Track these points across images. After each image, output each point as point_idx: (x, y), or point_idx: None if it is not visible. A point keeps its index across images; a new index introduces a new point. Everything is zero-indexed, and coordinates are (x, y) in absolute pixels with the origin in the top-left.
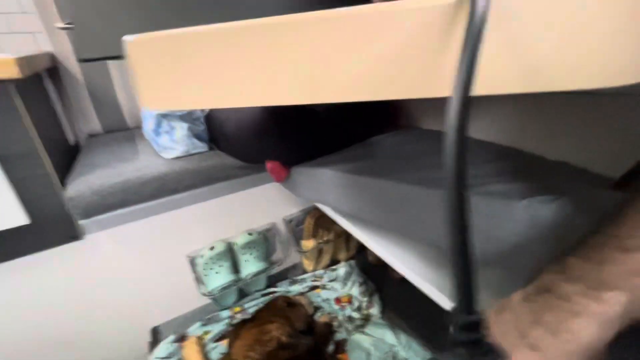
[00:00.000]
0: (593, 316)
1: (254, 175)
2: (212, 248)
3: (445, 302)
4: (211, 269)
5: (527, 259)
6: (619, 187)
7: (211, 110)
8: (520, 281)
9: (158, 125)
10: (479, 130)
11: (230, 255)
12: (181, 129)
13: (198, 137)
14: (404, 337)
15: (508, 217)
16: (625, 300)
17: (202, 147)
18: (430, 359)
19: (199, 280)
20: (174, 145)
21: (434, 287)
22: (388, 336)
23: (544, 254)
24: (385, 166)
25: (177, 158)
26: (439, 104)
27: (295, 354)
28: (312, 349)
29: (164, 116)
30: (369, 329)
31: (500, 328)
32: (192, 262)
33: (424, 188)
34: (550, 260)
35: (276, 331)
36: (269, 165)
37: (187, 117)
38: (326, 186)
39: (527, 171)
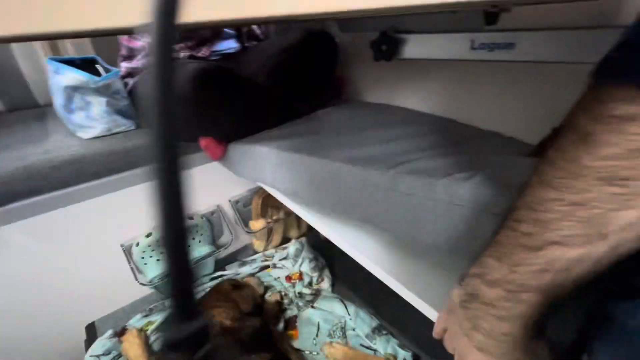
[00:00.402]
0: (516, 318)
1: (192, 155)
2: (148, 235)
3: (390, 280)
4: (150, 256)
5: (451, 240)
6: (535, 154)
7: (135, 83)
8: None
9: (69, 100)
10: (418, 102)
11: None
12: (99, 105)
13: (121, 113)
14: (352, 308)
15: (429, 197)
16: (537, 300)
17: (126, 124)
18: (376, 326)
19: (137, 270)
20: (91, 123)
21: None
22: (337, 308)
23: (465, 233)
24: (322, 143)
25: (97, 138)
26: (383, 76)
27: (240, 337)
28: (259, 330)
29: (75, 89)
30: (319, 303)
31: (452, 329)
32: (128, 251)
33: (351, 166)
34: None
35: (219, 316)
36: (202, 142)
37: (104, 90)
38: (263, 164)
39: (457, 144)
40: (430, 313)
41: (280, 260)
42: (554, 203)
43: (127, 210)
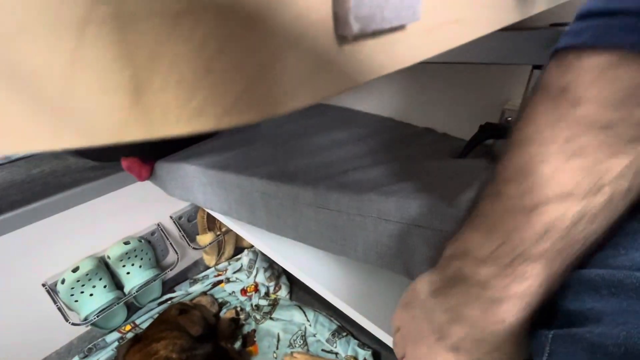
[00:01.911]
0: (515, 297)
1: (120, 174)
2: (75, 269)
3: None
4: (82, 292)
5: (382, 256)
6: (465, 153)
7: None
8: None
9: None
10: (355, 100)
11: (105, 270)
12: None
13: None
14: (312, 314)
15: (357, 213)
16: (542, 269)
17: None
18: (335, 329)
19: (67, 308)
20: None
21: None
22: (296, 316)
23: (395, 249)
24: (251, 157)
25: None
26: None
27: None
28: (212, 355)
29: None
30: (277, 314)
31: (411, 327)
32: (52, 290)
33: (279, 183)
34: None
35: (164, 350)
36: (124, 163)
37: None
38: (192, 184)
39: (391, 147)
40: (373, 328)
41: (234, 273)
42: (544, 156)
43: (48, 244)
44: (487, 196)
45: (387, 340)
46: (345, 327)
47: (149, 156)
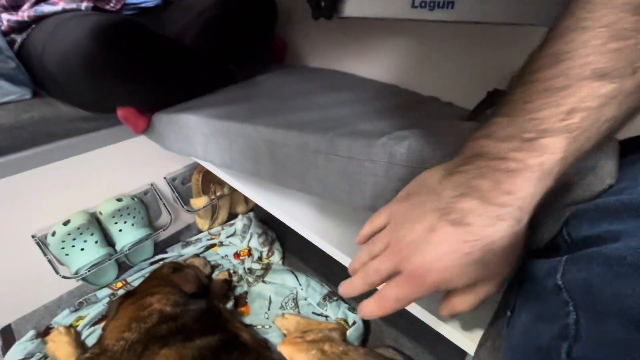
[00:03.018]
0: (532, 170)
1: (115, 128)
2: (66, 222)
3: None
4: (72, 246)
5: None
6: (472, 117)
7: (25, 41)
8: None
9: None
10: (361, 66)
11: (97, 226)
12: None
13: (9, 78)
14: (303, 278)
15: (368, 158)
16: (564, 145)
17: (18, 92)
18: (327, 293)
19: (57, 262)
20: None
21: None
22: (288, 280)
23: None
24: (257, 109)
25: None
26: (326, 39)
27: (183, 322)
28: (205, 311)
29: None
30: (269, 277)
31: (408, 214)
32: (42, 243)
33: (287, 131)
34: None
35: (158, 303)
36: (120, 113)
37: None
38: (193, 135)
39: (397, 109)
40: None
41: (227, 237)
42: (581, 40)
43: (35, 196)
44: (516, 87)
45: None
46: (336, 292)
47: (147, 107)
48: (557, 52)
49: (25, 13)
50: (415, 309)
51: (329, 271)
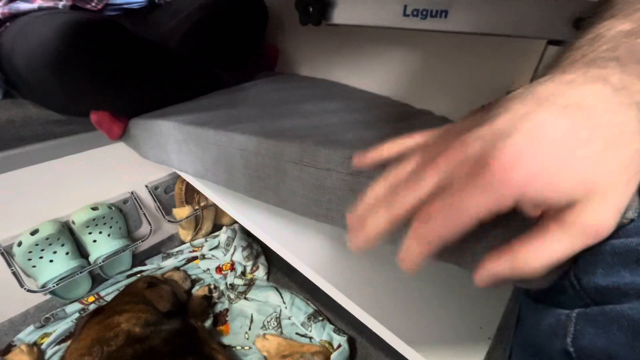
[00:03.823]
0: None
1: (90, 134)
2: (34, 232)
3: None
4: (40, 257)
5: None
6: None
7: None
8: None
9: None
10: (352, 76)
11: (68, 236)
12: None
13: None
14: (288, 296)
15: (348, 171)
16: None
17: None
18: (311, 313)
19: (23, 274)
20: None
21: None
22: (272, 297)
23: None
24: (234, 116)
25: None
26: (316, 47)
27: (153, 344)
28: (179, 332)
29: None
30: (252, 294)
31: (517, 102)
32: (7, 253)
33: (262, 138)
34: None
35: (126, 323)
36: (93, 117)
37: None
38: (166, 142)
39: (385, 120)
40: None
41: (210, 250)
42: None
43: (5, 203)
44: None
45: (369, 322)
46: (322, 311)
47: (122, 112)
48: None
49: (1, 10)
50: (397, 343)
51: (314, 288)
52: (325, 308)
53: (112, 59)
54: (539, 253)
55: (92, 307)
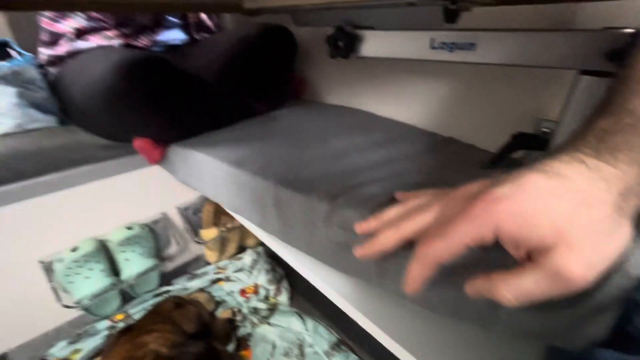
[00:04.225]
0: (632, 148)
1: (131, 157)
2: (75, 249)
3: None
4: (77, 274)
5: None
6: (495, 162)
7: (58, 73)
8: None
9: None
10: (378, 105)
11: (104, 255)
12: (6, 96)
13: (38, 106)
14: (311, 323)
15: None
16: None
17: (44, 120)
18: (335, 342)
19: (60, 289)
20: None
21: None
22: (295, 324)
23: None
24: (268, 156)
25: (5, 135)
26: (343, 76)
27: None
28: (203, 355)
29: None
30: (275, 319)
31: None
32: (48, 269)
33: (292, 192)
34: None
35: (154, 343)
36: (137, 143)
37: (12, 78)
38: (204, 174)
39: (411, 157)
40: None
41: (235, 272)
42: None
43: (46, 221)
44: (613, 89)
45: (396, 352)
46: (346, 340)
47: (163, 138)
48: None
49: (62, 48)
50: None
51: (337, 316)
52: (348, 337)
53: (159, 91)
54: (512, 286)
55: (120, 324)
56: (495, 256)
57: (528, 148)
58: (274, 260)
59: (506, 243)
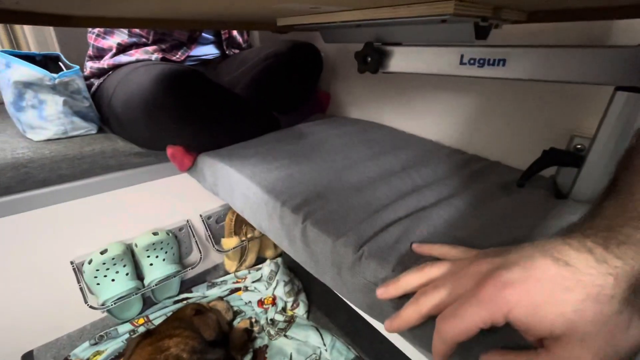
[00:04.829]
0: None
1: (161, 165)
2: (104, 251)
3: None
4: (105, 276)
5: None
6: (525, 179)
7: (101, 84)
8: None
9: (19, 97)
10: (403, 120)
11: (130, 258)
12: (54, 104)
13: (82, 115)
14: (328, 338)
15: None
16: None
17: (87, 127)
18: (353, 358)
19: (87, 291)
20: (43, 123)
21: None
22: (312, 337)
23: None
24: (298, 184)
25: (50, 140)
26: (368, 91)
27: None
28: None
29: (27, 85)
30: (292, 332)
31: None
32: (79, 269)
33: (319, 232)
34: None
35: (175, 347)
36: (169, 150)
37: (61, 88)
38: (233, 188)
39: (437, 182)
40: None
41: (253, 282)
42: None
43: (83, 223)
44: (620, 174)
45: None
46: (363, 357)
47: (194, 147)
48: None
49: (105, 62)
50: None
51: (355, 332)
52: (366, 354)
53: (194, 102)
54: None
55: (141, 329)
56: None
57: (559, 164)
58: (292, 272)
59: (517, 327)
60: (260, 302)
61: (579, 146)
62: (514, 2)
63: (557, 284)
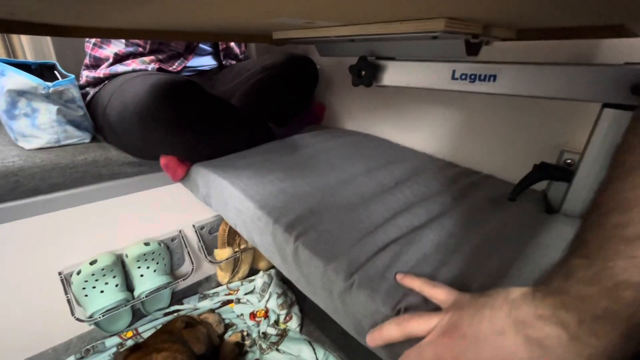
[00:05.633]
0: (614, 316)
1: (153, 175)
2: (93, 262)
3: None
4: (93, 287)
5: None
6: (516, 193)
7: (96, 93)
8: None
9: (12, 105)
10: (396, 132)
11: (120, 269)
12: (47, 113)
13: (75, 124)
14: (321, 352)
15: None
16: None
17: (80, 136)
18: None
19: (75, 302)
20: (36, 132)
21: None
22: (305, 352)
23: None
24: (291, 200)
25: (42, 149)
26: (363, 104)
27: None
28: None
29: (21, 94)
30: (284, 346)
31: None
32: (67, 280)
33: (312, 255)
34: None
35: None
36: (163, 160)
37: (55, 97)
38: (226, 201)
39: (429, 198)
40: None
41: (246, 294)
42: None
43: (72, 232)
44: (590, 226)
45: None
46: None
47: (187, 157)
48: (625, 197)
49: (102, 71)
50: None
51: (348, 345)
52: None
53: (189, 113)
54: None
55: (129, 342)
56: None
57: (551, 178)
58: (286, 285)
59: None
60: (253, 315)
61: (569, 161)
62: (504, 20)
63: None
